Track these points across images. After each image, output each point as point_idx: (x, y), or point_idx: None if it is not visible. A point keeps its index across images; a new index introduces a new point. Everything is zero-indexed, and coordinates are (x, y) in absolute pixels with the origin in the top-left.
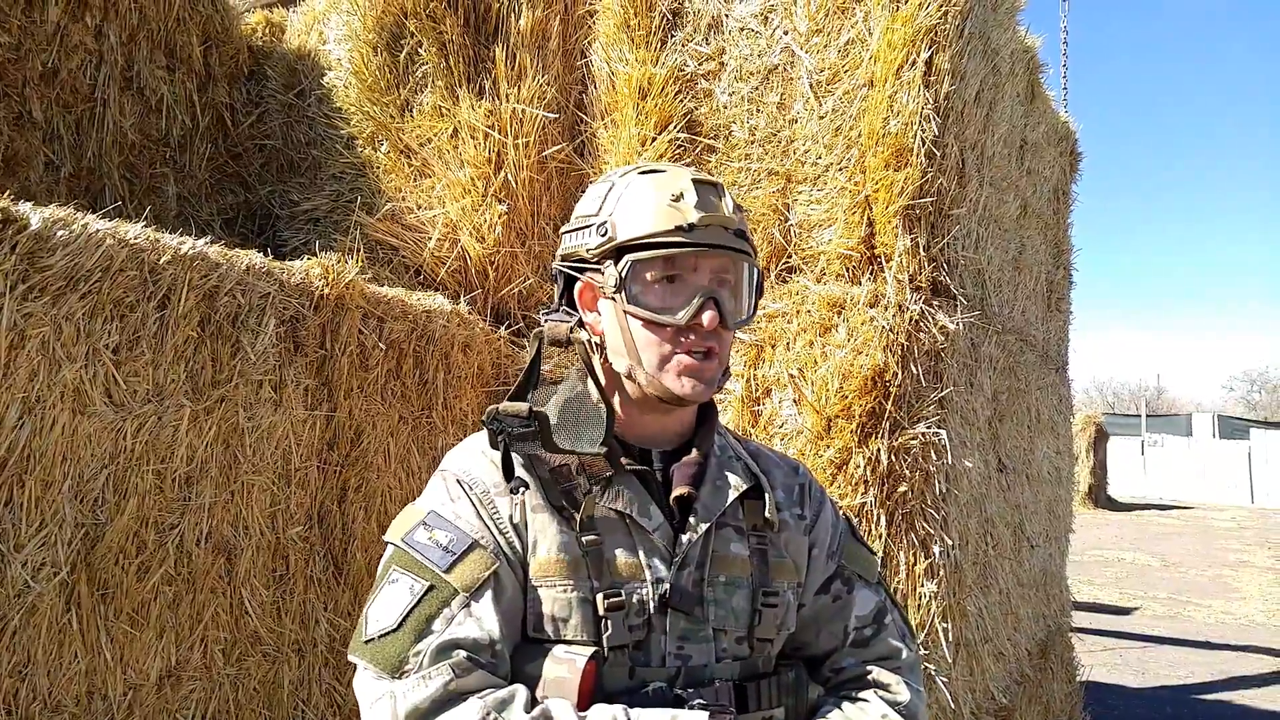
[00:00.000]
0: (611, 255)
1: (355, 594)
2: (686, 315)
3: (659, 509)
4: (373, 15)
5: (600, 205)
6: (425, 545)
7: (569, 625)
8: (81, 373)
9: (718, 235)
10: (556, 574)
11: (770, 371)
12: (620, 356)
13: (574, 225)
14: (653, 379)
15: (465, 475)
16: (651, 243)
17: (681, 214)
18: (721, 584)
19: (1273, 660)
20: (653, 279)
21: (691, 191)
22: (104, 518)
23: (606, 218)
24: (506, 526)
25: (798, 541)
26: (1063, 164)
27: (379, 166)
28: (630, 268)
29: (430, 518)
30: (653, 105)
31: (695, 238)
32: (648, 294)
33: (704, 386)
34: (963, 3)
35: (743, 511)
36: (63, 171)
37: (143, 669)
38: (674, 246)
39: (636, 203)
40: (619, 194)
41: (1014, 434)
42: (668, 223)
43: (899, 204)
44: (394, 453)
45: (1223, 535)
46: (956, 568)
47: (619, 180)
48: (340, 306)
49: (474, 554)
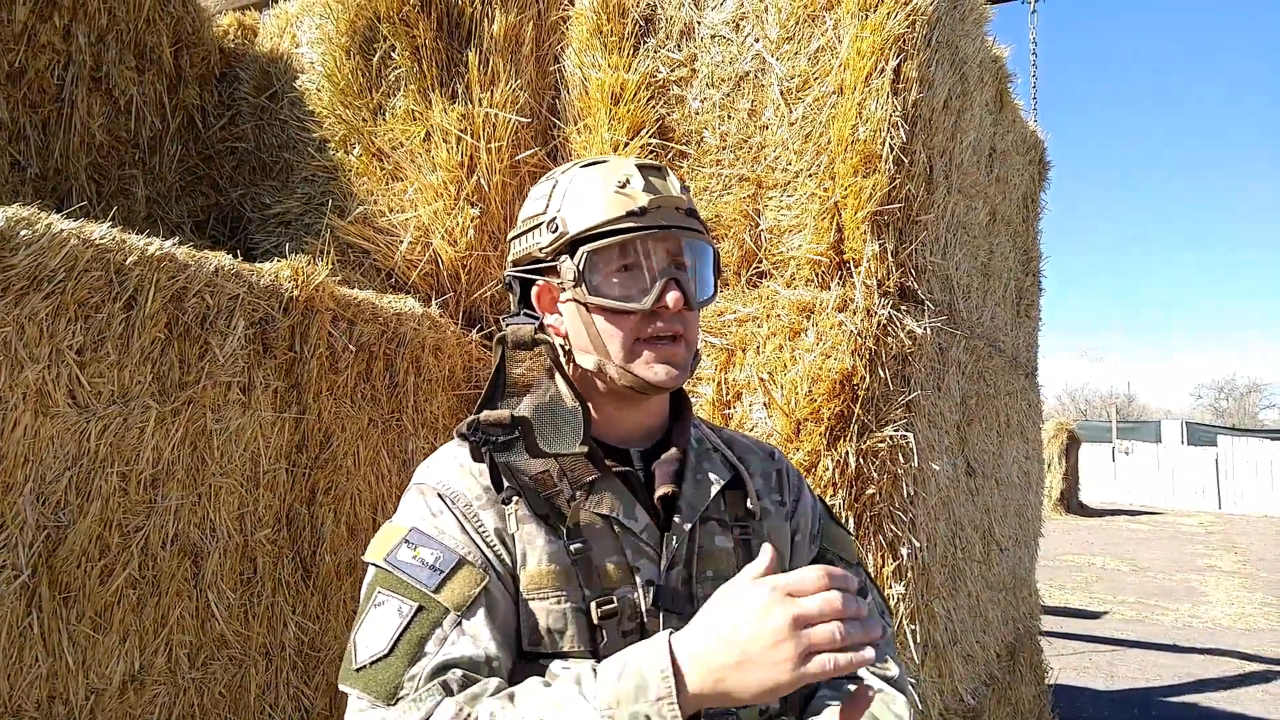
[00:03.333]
0: (565, 250)
1: (324, 597)
2: (650, 299)
3: (643, 509)
4: (346, 19)
5: (547, 203)
6: (410, 564)
7: (565, 636)
8: (44, 373)
9: (670, 216)
10: (548, 585)
11: (741, 375)
12: (587, 353)
13: (522, 229)
14: (623, 370)
15: (445, 489)
16: (604, 231)
17: (631, 199)
18: (709, 579)
19: (1238, 663)
20: (610, 269)
21: (638, 176)
22: (66, 520)
23: (555, 213)
24: (493, 539)
25: (780, 528)
26: (1031, 172)
27: (351, 170)
28: (586, 259)
29: (413, 535)
30: (625, 111)
31: (647, 221)
32: (607, 285)
33: (677, 371)
34: (930, 12)
35: (724, 503)
36: (29, 172)
37: (105, 673)
38: (627, 232)
39: (584, 194)
40: (564, 189)
41: (983, 438)
42: (618, 209)
43: (868, 210)
44: (364, 456)
45: (1191, 540)
46: (925, 570)
47: (561, 176)
48: (310, 308)
49: (463, 571)
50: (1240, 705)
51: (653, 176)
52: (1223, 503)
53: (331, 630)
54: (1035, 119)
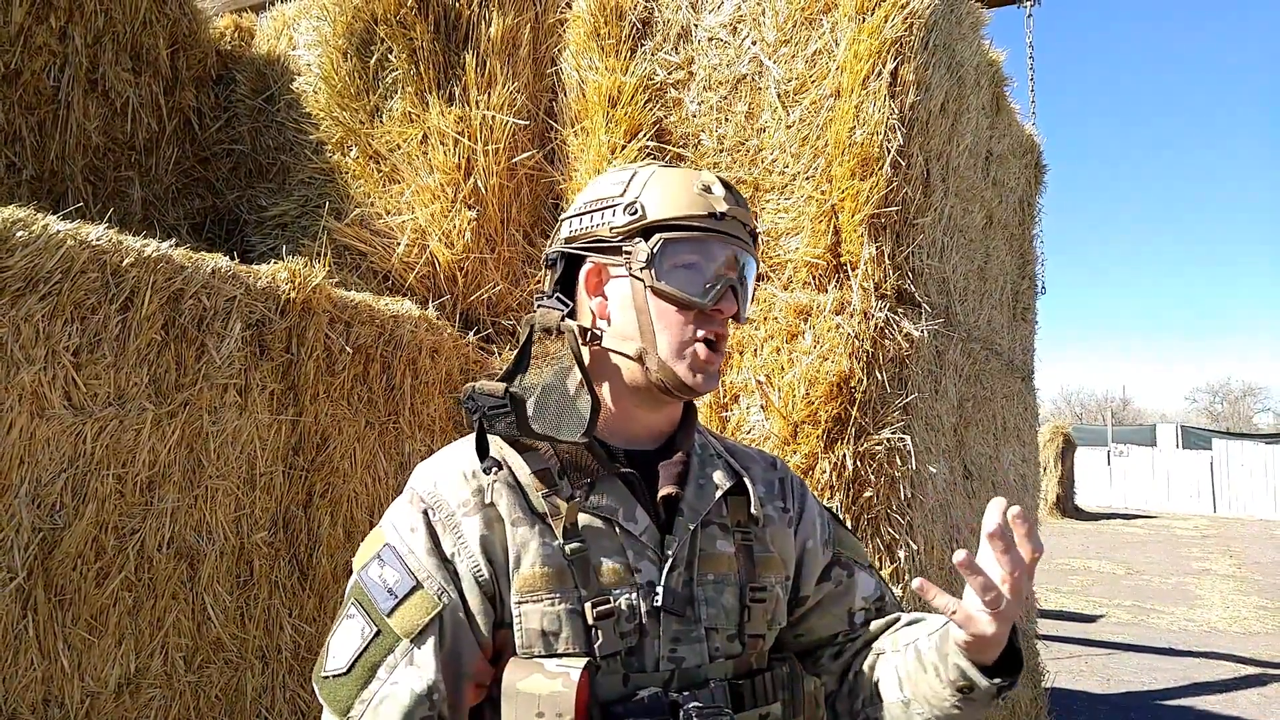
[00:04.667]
0: (640, 234)
1: (320, 600)
2: (712, 298)
3: (644, 511)
4: (343, 21)
5: (625, 188)
6: (375, 584)
7: (560, 639)
8: (40, 375)
9: (740, 230)
10: (542, 587)
11: (738, 377)
12: (630, 340)
13: (589, 208)
14: (663, 365)
15: (430, 496)
16: (684, 224)
17: (712, 203)
18: (710, 582)
19: (1234, 666)
20: (677, 261)
21: (718, 185)
22: (62, 522)
23: (634, 198)
24: (473, 550)
25: (782, 535)
26: (1028, 176)
27: (348, 172)
28: (662, 245)
29: (385, 551)
30: (622, 113)
31: (723, 227)
32: (673, 275)
33: (712, 379)
34: (927, 15)
35: (726, 508)
36: (24, 174)
37: (101, 676)
38: (704, 231)
39: (668, 187)
40: (644, 179)
41: (979, 441)
42: (700, 208)
43: (865, 212)
44: (360, 458)
45: (1186, 544)
46: (922, 573)
47: (641, 170)
48: (307, 310)
49: (415, 597)
50: (1236, 708)
51: (731, 190)
52: (1217, 506)
53: (327, 633)
54: (1033, 122)
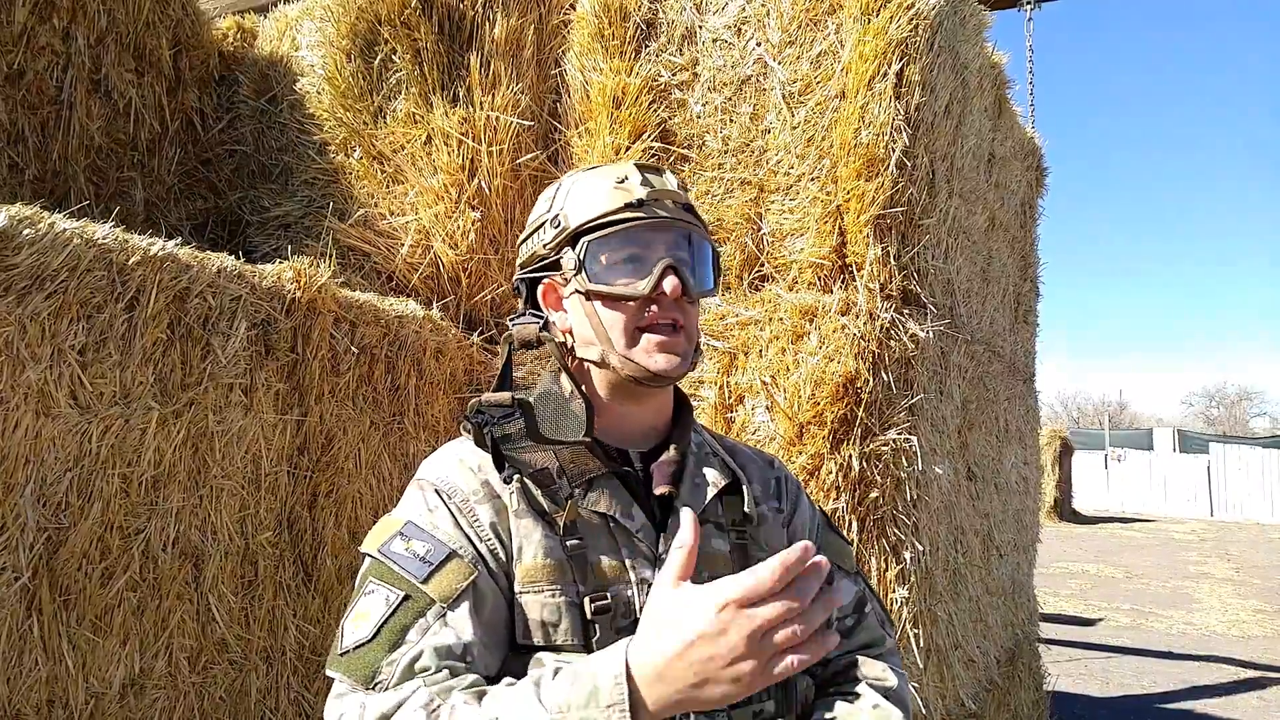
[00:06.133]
0: (567, 243)
1: (325, 600)
2: (649, 285)
3: (641, 509)
4: (346, 22)
5: (550, 203)
6: (402, 556)
7: (559, 630)
8: (46, 374)
9: (667, 209)
10: (543, 579)
11: (743, 379)
12: (591, 345)
13: (528, 232)
14: (625, 359)
15: (443, 484)
16: (604, 222)
17: (629, 192)
18: (705, 580)
19: (1233, 669)
20: (610, 259)
21: (635, 173)
22: (67, 522)
23: (558, 211)
24: (488, 534)
25: (777, 534)
26: (1029, 178)
27: (351, 173)
28: (586, 248)
29: (407, 528)
30: (627, 114)
31: (645, 212)
32: (606, 274)
33: (678, 360)
34: (932, 16)
35: (722, 507)
36: (27, 174)
37: (106, 677)
38: (626, 223)
39: (585, 191)
40: (567, 189)
41: (983, 443)
42: (617, 202)
43: (870, 213)
44: (365, 458)
45: (1183, 547)
46: (927, 574)
47: (566, 180)
48: (312, 310)
49: (451, 564)
50: (1235, 711)
51: (649, 174)
52: (1215, 510)
53: (333, 634)
54: (1033, 125)
